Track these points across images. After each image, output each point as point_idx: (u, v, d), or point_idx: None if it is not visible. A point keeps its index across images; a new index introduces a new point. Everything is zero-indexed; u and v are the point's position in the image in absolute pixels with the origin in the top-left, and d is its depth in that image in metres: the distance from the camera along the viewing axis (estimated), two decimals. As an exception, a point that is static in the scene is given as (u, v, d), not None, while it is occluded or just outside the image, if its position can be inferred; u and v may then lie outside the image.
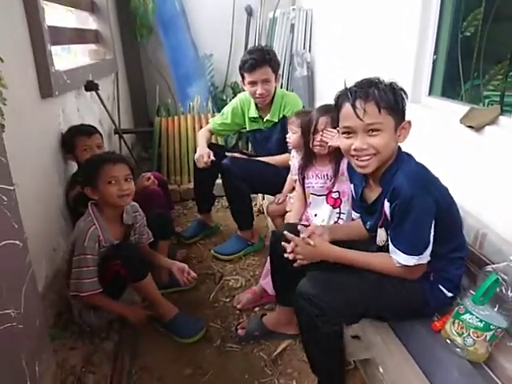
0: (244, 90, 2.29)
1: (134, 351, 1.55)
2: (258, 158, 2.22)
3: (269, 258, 1.55)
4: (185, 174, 3.07)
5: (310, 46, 3.44)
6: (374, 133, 1.09)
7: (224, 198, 2.92)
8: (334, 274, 1.23)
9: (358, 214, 1.36)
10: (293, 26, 3.39)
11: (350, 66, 2.56)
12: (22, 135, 1.48)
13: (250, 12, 3.72)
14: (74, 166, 2.00)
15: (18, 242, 1.15)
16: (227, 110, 2.37)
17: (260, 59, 2.04)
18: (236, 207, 2.23)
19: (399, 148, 1.18)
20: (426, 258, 1.12)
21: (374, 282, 1.18)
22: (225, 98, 3.77)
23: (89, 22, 2.83)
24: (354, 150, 1.11)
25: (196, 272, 2.01)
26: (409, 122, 1.14)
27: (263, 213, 2.62)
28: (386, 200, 1.13)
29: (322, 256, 1.26)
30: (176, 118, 3.19)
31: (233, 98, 3.72)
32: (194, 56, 3.59)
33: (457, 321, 1.08)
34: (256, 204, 2.78)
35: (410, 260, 1.10)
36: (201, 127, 3.09)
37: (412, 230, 1.09)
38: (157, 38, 3.49)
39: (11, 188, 1.12)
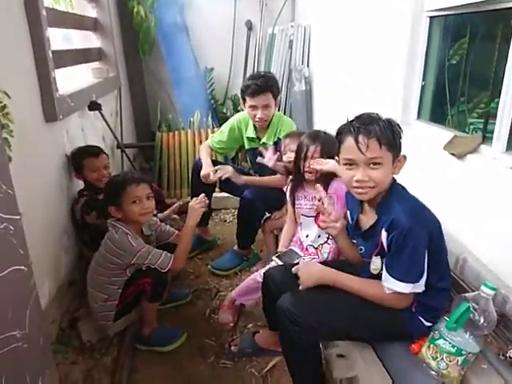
0: (243, 110, 2.36)
1: (132, 367, 1.62)
2: (253, 178, 2.30)
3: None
4: (184, 188, 3.15)
5: (308, 61, 3.53)
6: (374, 166, 1.17)
7: (222, 210, 3.03)
8: (316, 293, 1.31)
9: (353, 241, 1.42)
10: (291, 41, 3.48)
11: (346, 83, 2.64)
12: (27, 160, 1.56)
13: (250, 27, 3.81)
14: (77, 183, 2.10)
15: (23, 267, 1.23)
16: (225, 128, 2.44)
17: (263, 86, 2.13)
18: (245, 231, 2.29)
19: (393, 178, 1.25)
20: (420, 286, 1.18)
21: (355, 306, 1.25)
22: (225, 110, 3.86)
23: (92, 40, 2.93)
24: (356, 181, 1.18)
25: (193, 287, 2.13)
26: (404, 156, 1.22)
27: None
28: (383, 230, 1.19)
29: (319, 277, 1.33)
30: (177, 133, 3.28)
31: (233, 110, 3.86)
32: (195, 70, 3.68)
33: (432, 345, 1.15)
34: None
35: (406, 287, 1.16)
36: (200, 142, 3.18)
37: (409, 260, 1.15)
38: (159, 53, 3.58)
39: (18, 217, 1.21)
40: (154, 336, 1.71)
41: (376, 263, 1.25)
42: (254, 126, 2.32)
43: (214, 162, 2.37)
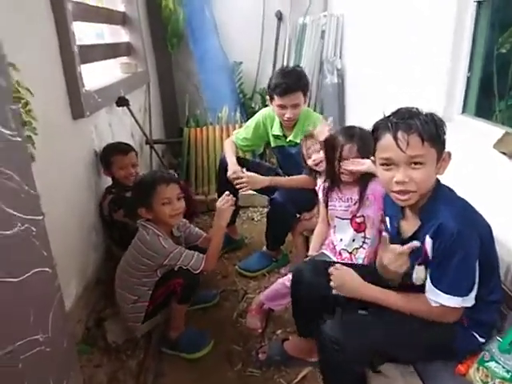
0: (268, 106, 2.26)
1: (157, 370, 1.59)
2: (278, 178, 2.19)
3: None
4: (212, 184, 3.09)
5: (340, 52, 3.38)
6: (416, 166, 1.05)
7: (250, 208, 2.96)
8: (361, 315, 1.21)
9: None
10: (323, 32, 3.34)
11: (382, 76, 2.49)
12: (53, 157, 1.55)
13: (280, 17, 3.69)
14: (106, 179, 2.08)
15: (46, 268, 1.19)
16: (250, 124, 2.35)
17: (293, 85, 2.01)
18: (275, 233, 2.21)
19: (437, 180, 1.14)
20: (470, 300, 1.06)
21: (404, 327, 1.13)
22: (253, 105, 3.77)
23: (121, 35, 2.90)
24: (396, 183, 1.07)
25: (220, 288, 2.07)
26: (449, 154, 1.10)
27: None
28: (427, 236, 1.08)
29: (353, 291, 1.22)
30: (204, 128, 3.23)
31: (261, 104, 3.76)
32: (224, 64, 3.61)
33: (481, 367, 1.04)
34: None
35: (454, 301, 1.05)
36: (228, 137, 3.11)
37: (457, 270, 1.03)
38: (187, 47, 3.53)
39: (40, 218, 1.17)
40: (181, 341, 1.66)
41: (419, 273, 1.13)
42: (280, 122, 2.22)
43: (240, 159, 2.30)
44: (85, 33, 2.38)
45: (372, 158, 1.18)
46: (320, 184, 1.75)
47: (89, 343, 1.61)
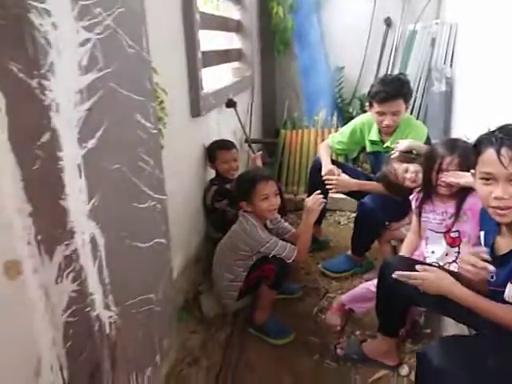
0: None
1: (242, 347, 1.73)
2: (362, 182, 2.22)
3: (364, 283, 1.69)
4: (301, 185, 3.21)
5: (451, 61, 3.24)
6: None
7: (337, 212, 3.01)
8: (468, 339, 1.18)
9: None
10: (434, 39, 3.24)
11: (496, 89, 2.36)
12: (174, 149, 1.79)
13: (388, 24, 3.66)
14: (209, 172, 2.32)
15: (164, 240, 1.43)
16: (346, 129, 2.41)
17: (394, 92, 2.04)
18: (361, 239, 2.23)
19: None
20: None
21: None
22: (351, 110, 3.78)
23: (232, 41, 3.14)
24: (495, 198, 1.08)
25: (302, 283, 2.17)
26: None
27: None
28: None
29: (440, 288, 1.22)
30: (300, 131, 3.35)
31: (360, 109, 3.75)
32: (326, 69, 3.68)
33: None
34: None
35: None
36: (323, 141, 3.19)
37: None
38: (292, 52, 3.67)
39: (164, 197, 1.40)
40: (267, 325, 1.79)
41: None
42: (379, 128, 2.24)
43: (334, 162, 2.36)
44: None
45: (472, 171, 1.18)
46: (415, 194, 1.75)
47: (187, 311, 1.84)
